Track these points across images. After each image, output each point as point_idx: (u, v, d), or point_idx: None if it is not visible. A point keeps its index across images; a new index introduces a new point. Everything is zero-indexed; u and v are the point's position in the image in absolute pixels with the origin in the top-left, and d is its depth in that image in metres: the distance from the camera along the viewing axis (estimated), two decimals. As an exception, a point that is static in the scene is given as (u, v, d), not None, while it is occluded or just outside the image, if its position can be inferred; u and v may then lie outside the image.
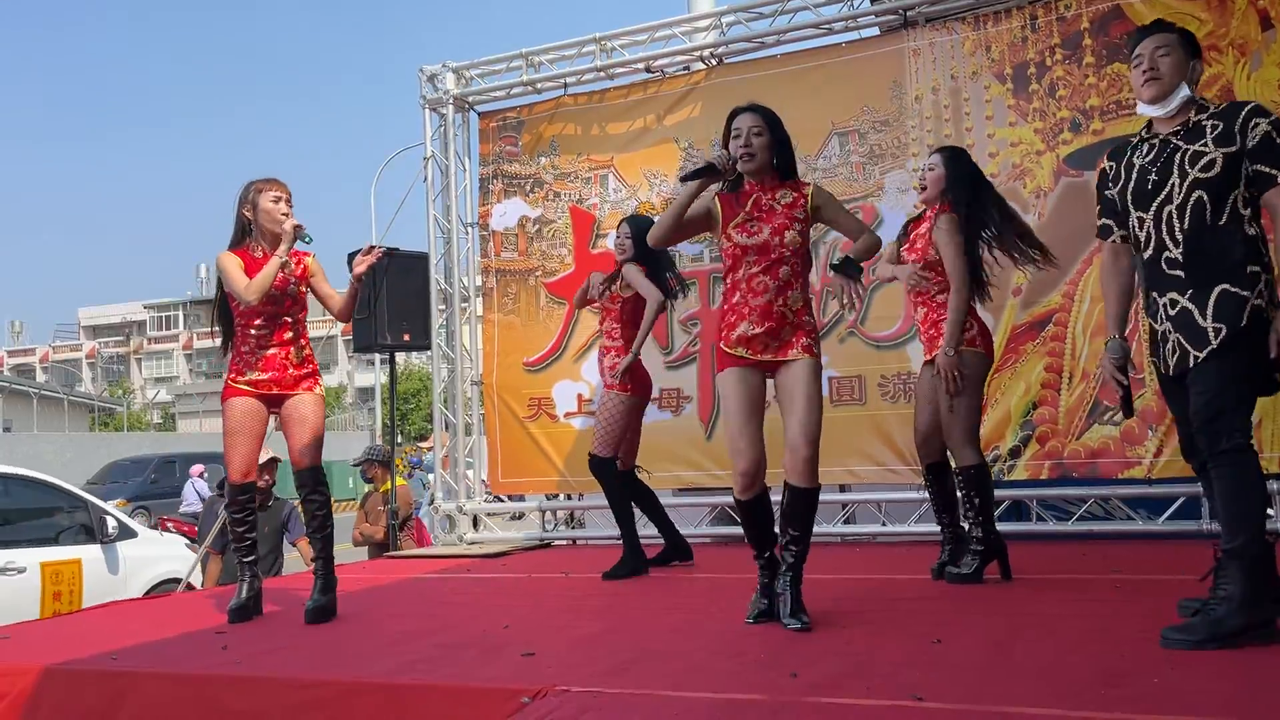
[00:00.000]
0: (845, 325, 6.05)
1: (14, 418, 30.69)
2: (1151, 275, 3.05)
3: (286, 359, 4.16)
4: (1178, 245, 2.95)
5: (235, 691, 3.04)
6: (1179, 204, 2.95)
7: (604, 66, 6.77)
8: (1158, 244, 3.00)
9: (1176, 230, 2.95)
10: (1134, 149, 3.13)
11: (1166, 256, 2.98)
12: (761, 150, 3.47)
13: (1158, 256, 3.00)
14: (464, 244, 7.21)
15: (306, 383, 4.19)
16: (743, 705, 2.49)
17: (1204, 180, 2.92)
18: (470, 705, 2.72)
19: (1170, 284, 2.97)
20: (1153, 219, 3.01)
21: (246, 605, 4.16)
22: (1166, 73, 3.01)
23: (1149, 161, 3.05)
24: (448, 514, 7.01)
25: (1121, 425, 5.34)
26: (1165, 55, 3.02)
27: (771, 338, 3.43)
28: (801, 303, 3.48)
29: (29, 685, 3.25)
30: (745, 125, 3.48)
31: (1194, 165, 2.94)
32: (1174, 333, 2.96)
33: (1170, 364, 3.00)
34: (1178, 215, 2.95)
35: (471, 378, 7.22)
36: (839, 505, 6.27)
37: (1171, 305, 2.97)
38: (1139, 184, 3.06)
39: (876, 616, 3.60)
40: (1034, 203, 5.63)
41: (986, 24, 5.83)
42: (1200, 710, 2.26)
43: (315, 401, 4.19)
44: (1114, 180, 3.16)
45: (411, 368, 33.86)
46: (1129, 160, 3.12)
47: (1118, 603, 3.64)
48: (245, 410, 4.11)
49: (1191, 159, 2.95)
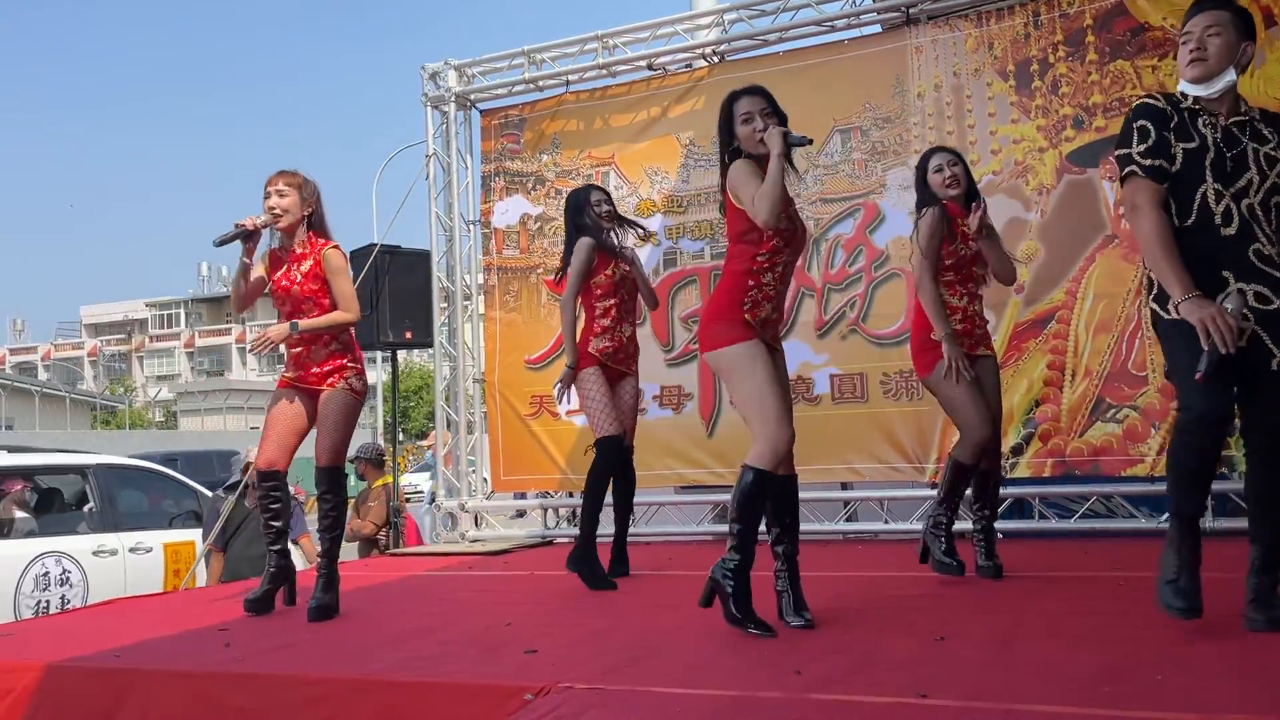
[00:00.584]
0: (847, 323, 6.04)
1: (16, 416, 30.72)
2: (1235, 257, 2.87)
3: (308, 357, 4.16)
4: (1273, 243, 2.87)
5: (238, 689, 3.04)
6: (1261, 201, 2.87)
7: (606, 64, 6.76)
8: (1244, 229, 2.87)
9: (1267, 227, 2.87)
10: (1193, 115, 2.93)
11: (1257, 249, 2.87)
12: None
13: (1246, 242, 2.86)
14: (466, 241, 7.20)
15: (331, 378, 4.14)
16: (746, 702, 2.49)
17: (1277, 186, 2.88)
18: (473, 703, 2.71)
19: (1261, 278, 2.86)
20: (1233, 199, 2.87)
21: (263, 598, 4.18)
22: (1214, 54, 2.88)
23: (1221, 141, 2.90)
24: (449, 512, 7.01)
25: (1124, 423, 5.34)
26: (1215, 35, 2.88)
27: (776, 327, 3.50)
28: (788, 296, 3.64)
29: (31, 683, 3.25)
30: (755, 108, 3.41)
31: (1271, 168, 2.87)
32: (1254, 324, 2.83)
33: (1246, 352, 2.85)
34: (1262, 212, 2.88)
35: (473, 375, 7.22)
36: (841, 503, 6.26)
37: (1259, 299, 2.84)
38: (1218, 159, 2.89)
39: (879, 614, 3.59)
40: (1037, 200, 5.63)
41: (989, 21, 5.82)
42: (1204, 706, 2.26)
43: (337, 399, 4.13)
44: (1178, 134, 2.93)
45: (413, 365, 33.86)
46: (1195, 125, 2.92)
47: (1120, 600, 3.63)
48: (282, 400, 4.20)
49: (1268, 161, 2.88)
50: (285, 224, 4.18)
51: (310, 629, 3.87)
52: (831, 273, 6.10)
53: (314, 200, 4.24)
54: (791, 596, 3.35)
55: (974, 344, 4.27)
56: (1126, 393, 5.35)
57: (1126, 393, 5.35)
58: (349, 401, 4.16)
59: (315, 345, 4.16)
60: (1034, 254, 5.57)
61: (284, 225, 4.18)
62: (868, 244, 6.03)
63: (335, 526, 4.18)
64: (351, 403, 4.17)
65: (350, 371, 4.19)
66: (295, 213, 4.18)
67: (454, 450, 7.12)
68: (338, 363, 4.17)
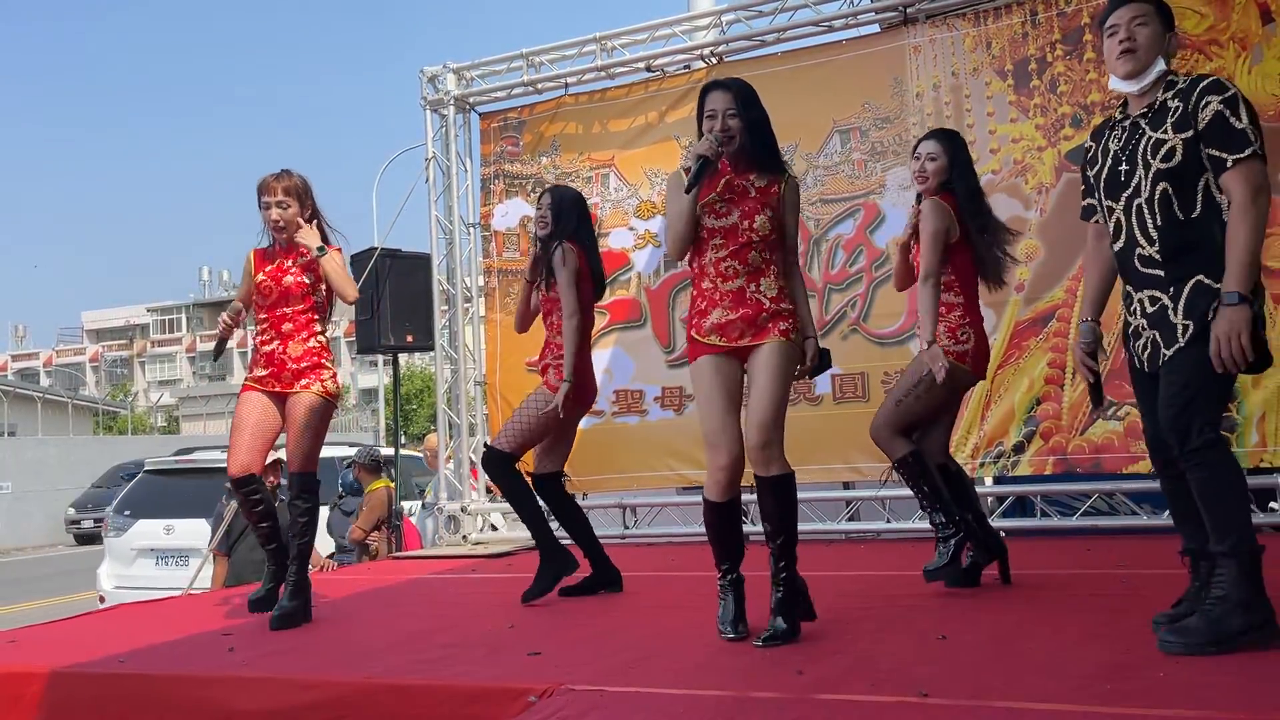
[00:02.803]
0: (848, 322, 6.05)
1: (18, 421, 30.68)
2: (1126, 269, 2.91)
3: (285, 354, 4.08)
4: (1152, 243, 2.80)
5: (242, 692, 3.05)
6: (1147, 198, 2.81)
7: (605, 66, 6.77)
8: (1129, 238, 2.86)
9: (1150, 227, 2.81)
10: (1111, 129, 2.97)
11: (1140, 254, 2.83)
12: (739, 132, 3.27)
13: (1130, 251, 2.86)
14: (466, 244, 7.21)
15: (305, 380, 4.06)
16: (748, 703, 2.50)
17: (1166, 171, 2.77)
18: (477, 704, 2.72)
19: (1147, 281, 2.83)
20: (1123, 210, 2.87)
21: (267, 597, 4.13)
22: (1143, 44, 2.83)
23: (1120, 148, 2.90)
24: (452, 514, 7.01)
25: (1126, 420, 5.34)
26: (1142, 25, 2.84)
27: (748, 325, 3.22)
28: (776, 289, 3.25)
29: (37, 689, 3.26)
30: (720, 106, 3.28)
31: (1155, 155, 2.78)
32: (1149, 329, 2.84)
33: (1143, 360, 2.89)
34: (1148, 209, 2.81)
35: (475, 378, 7.23)
36: (843, 502, 6.27)
37: (1151, 302, 2.83)
38: (1111, 172, 2.91)
39: (881, 613, 3.60)
40: (1036, 198, 5.63)
41: (987, 20, 5.82)
42: (1206, 704, 2.26)
43: (309, 401, 4.04)
44: (1091, 163, 3.03)
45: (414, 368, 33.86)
46: (1105, 143, 2.97)
47: (1122, 598, 3.64)
48: (249, 402, 4.11)
49: (1153, 148, 2.79)
50: (290, 233, 4.15)
51: (314, 631, 3.88)
52: (832, 273, 6.11)
53: (309, 200, 4.21)
54: (776, 599, 3.22)
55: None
56: (1127, 390, 5.30)
57: (1127, 390, 5.30)
58: (321, 405, 4.07)
59: (292, 340, 4.09)
60: (1034, 252, 5.57)
61: (289, 234, 4.15)
62: (868, 244, 6.04)
63: (306, 532, 4.08)
64: (324, 406, 4.08)
65: (325, 373, 4.11)
66: (296, 221, 4.15)
67: (456, 453, 7.12)
68: (313, 361, 4.09)
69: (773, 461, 3.17)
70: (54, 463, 23.60)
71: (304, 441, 4.04)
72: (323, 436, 4.12)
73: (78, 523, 21.24)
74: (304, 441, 4.04)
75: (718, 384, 3.23)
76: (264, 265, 4.17)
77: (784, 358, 3.20)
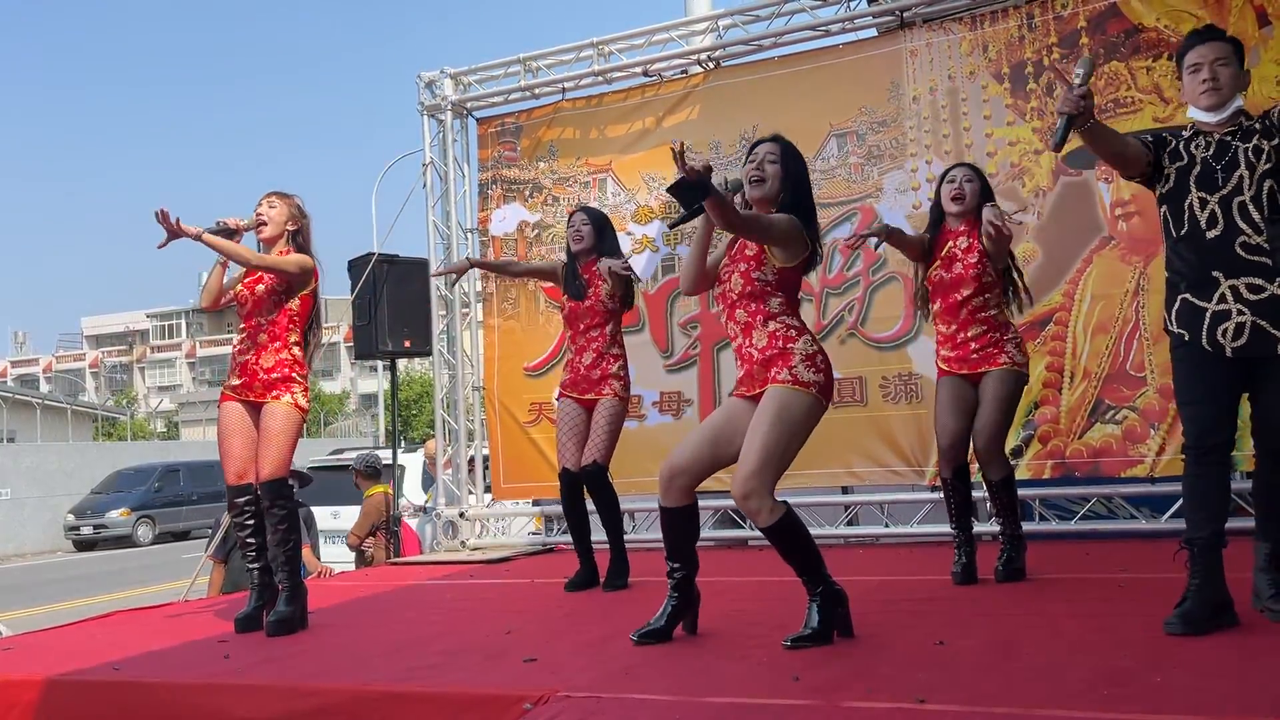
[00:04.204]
0: (845, 327, 6.05)
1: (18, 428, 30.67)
2: (1219, 257, 3.04)
3: (258, 364, 4.12)
4: (1259, 233, 3.01)
5: (238, 700, 3.04)
6: (1253, 195, 3.02)
7: (602, 71, 6.77)
8: (1229, 227, 3.03)
9: (1255, 219, 3.02)
10: (1189, 140, 3.17)
11: (1244, 241, 3.02)
12: (772, 178, 3.34)
13: (1230, 239, 3.03)
14: (464, 249, 7.20)
15: (276, 391, 4.09)
16: (745, 709, 2.49)
17: (1270, 170, 3.03)
18: (473, 711, 2.72)
19: (1248, 269, 3.01)
20: (1219, 204, 3.05)
21: (252, 616, 4.07)
22: (1226, 83, 3.09)
23: (1210, 156, 3.11)
24: (450, 520, 7.00)
25: (1124, 424, 5.34)
26: (1225, 66, 3.09)
27: (751, 380, 3.27)
28: (766, 339, 3.24)
29: (33, 697, 3.25)
30: (761, 152, 3.39)
31: (1258, 158, 3.04)
32: (1251, 316, 3.00)
33: (1229, 345, 3.01)
34: (1254, 205, 3.02)
35: (473, 383, 7.22)
36: (841, 507, 6.26)
37: (1252, 290, 3.00)
38: (1204, 171, 3.09)
39: (879, 618, 3.58)
40: (1033, 202, 5.63)
41: (983, 24, 5.82)
42: (1204, 709, 2.26)
43: (280, 411, 4.07)
44: (1172, 157, 3.17)
45: (413, 374, 33.87)
46: (1189, 148, 3.15)
47: (1121, 602, 3.63)
48: (229, 412, 4.16)
49: (1255, 153, 3.05)
50: (268, 234, 4.24)
51: (310, 638, 3.87)
52: (829, 277, 6.11)
53: (301, 222, 4.30)
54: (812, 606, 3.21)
55: (973, 365, 4.18)
56: (1125, 394, 5.35)
57: (1125, 394, 5.35)
58: (292, 415, 4.09)
59: (265, 351, 4.12)
60: (1032, 256, 5.57)
61: (266, 235, 4.25)
62: (865, 248, 6.02)
63: (287, 539, 4.08)
64: (296, 417, 4.11)
65: (296, 387, 4.13)
66: (279, 225, 4.25)
67: (455, 458, 7.12)
68: (283, 374, 4.11)
69: (760, 512, 3.12)
70: (53, 469, 23.58)
71: (273, 449, 4.04)
72: (293, 444, 4.12)
73: (76, 529, 21.20)
74: (273, 449, 4.04)
75: (711, 419, 3.42)
76: (248, 274, 4.24)
77: (777, 403, 3.15)
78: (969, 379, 4.19)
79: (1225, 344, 3.02)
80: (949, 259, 4.23)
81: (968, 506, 4.30)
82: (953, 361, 4.22)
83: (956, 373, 4.21)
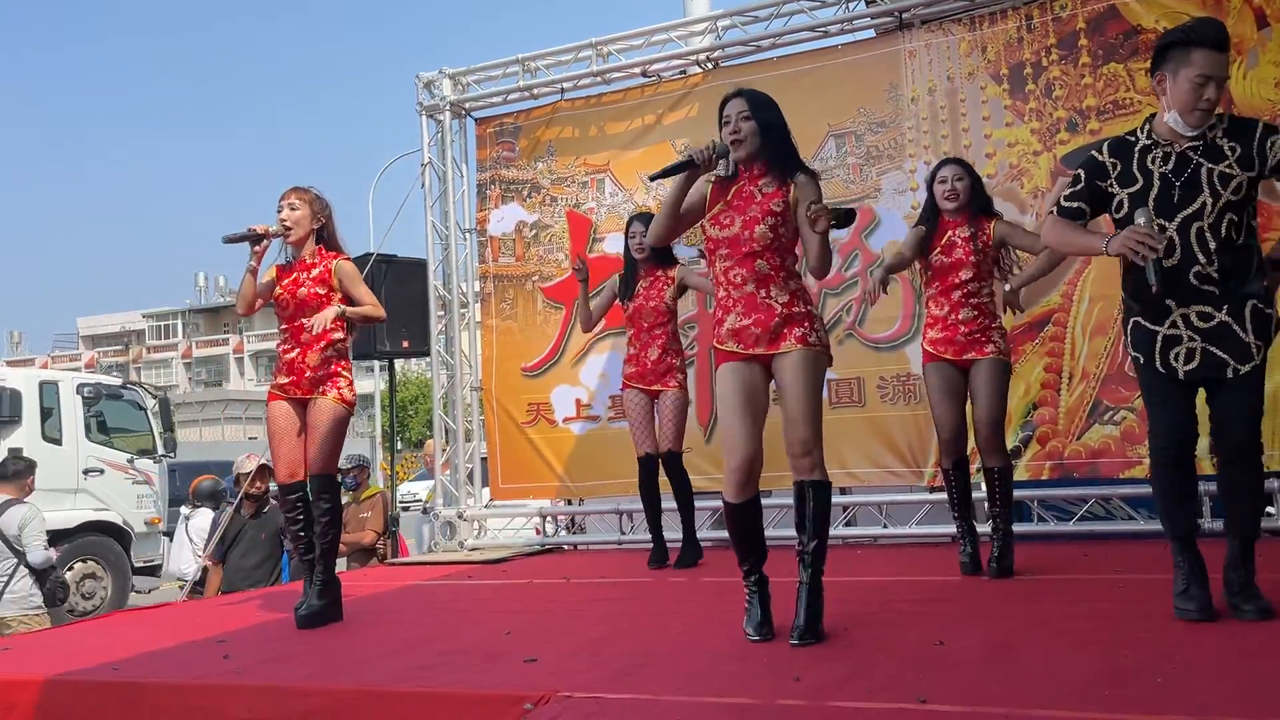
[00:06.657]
0: (843, 327, 6.05)
1: (14, 428, 30.60)
2: (1172, 285, 3.04)
3: (304, 363, 4.19)
4: (1211, 262, 3.02)
5: (237, 701, 3.03)
6: (1212, 223, 3.01)
7: (600, 71, 6.77)
8: (1185, 257, 3.04)
9: (1210, 246, 3.02)
10: (1143, 153, 3.11)
11: (1197, 270, 3.03)
12: (750, 135, 3.27)
13: (1185, 268, 3.04)
14: (462, 250, 7.20)
15: (323, 387, 4.18)
16: (746, 709, 2.49)
17: (1234, 203, 3.01)
18: (473, 712, 2.71)
19: (1199, 297, 3.04)
20: (1177, 229, 3.04)
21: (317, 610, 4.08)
22: (1217, 103, 3.05)
23: (1170, 172, 3.07)
24: (448, 520, 7.00)
25: (1122, 425, 5.34)
26: (1219, 86, 3.04)
27: (763, 331, 3.23)
28: (788, 295, 3.25)
29: (31, 698, 3.24)
30: (734, 111, 3.30)
31: (1225, 187, 3.01)
32: (1201, 342, 3.04)
33: (1182, 369, 3.07)
34: (1211, 233, 3.01)
35: (471, 383, 7.22)
36: (840, 508, 6.25)
37: (1202, 318, 3.05)
38: (1162, 191, 3.07)
39: (879, 619, 3.58)
40: (1032, 203, 5.63)
41: (982, 25, 5.83)
42: (1205, 710, 2.26)
43: (328, 408, 4.17)
44: (1121, 181, 3.13)
45: (410, 374, 33.85)
46: (1143, 165, 3.10)
47: (1120, 603, 3.63)
48: (278, 412, 4.24)
49: (1221, 180, 3.02)
50: (295, 237, 4.27)
51: (310, 639, 3.86)
52: (827, 277, 6.09)
53: (325, 215, 4.33)
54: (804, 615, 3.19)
55: (961, 349, 4.29)
56: (1124, 394, 5.36)
57: (1124, 394, 5.36)
58: (339, 410, 4.19)
59: (311, 349, 4.19)
60: (1030, 257, 5.56)
61: (294, 238, 4.27)
62: (863, 248, 6.04)
63: (329, 531, 4.19)
64: (343, 412, 4.20)
65: (342, 381, 4.24)
66: (305, 226, 4.27)
67: (452, 459, 7.11)
68: (331, 369, 4.21)
69: (815, 468, 3.23)
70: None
71: (323, 445, 4.15)
72: (341, 440, 4.24)
73: (74, 529, 21.12)
74: (323, 445, 4.15)
75: (732, 389, 3.28)
76: (283, 278, 4.29)
77: (809, 367, 3.22)
78: (956, 365, 4.29)
79: (1178, 367, 3.08)
80: (949, 245, 4.34)
81: (969, 496, 4.43)
82: (939, 344, 4.31)
83: (942, 356, 4.30)
